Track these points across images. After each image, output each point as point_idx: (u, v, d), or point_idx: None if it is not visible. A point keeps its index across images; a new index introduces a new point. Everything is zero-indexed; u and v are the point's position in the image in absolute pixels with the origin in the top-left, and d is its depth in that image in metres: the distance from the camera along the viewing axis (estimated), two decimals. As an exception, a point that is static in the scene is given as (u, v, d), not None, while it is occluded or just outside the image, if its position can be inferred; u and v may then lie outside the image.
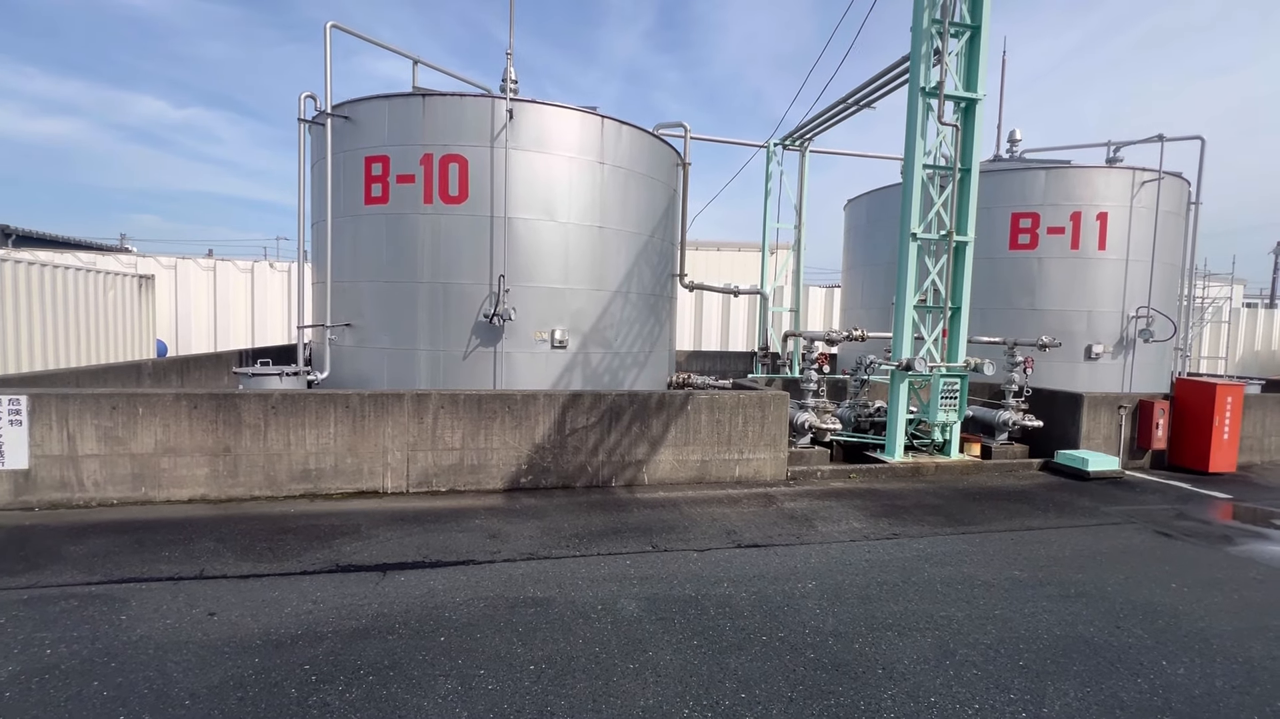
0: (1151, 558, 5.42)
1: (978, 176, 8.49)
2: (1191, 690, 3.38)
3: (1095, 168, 12.05)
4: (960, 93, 8.29)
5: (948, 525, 6.20)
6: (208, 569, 4.59)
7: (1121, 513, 6.81)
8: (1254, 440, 9.56)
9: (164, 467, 6.21)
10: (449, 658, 3.48)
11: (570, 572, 4.75)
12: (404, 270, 8.64)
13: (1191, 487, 8.13)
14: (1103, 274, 11.89)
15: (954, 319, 8.71)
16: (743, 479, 7.63)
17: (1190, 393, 9.07)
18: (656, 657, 3.56)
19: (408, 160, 8.55)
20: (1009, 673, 3.50)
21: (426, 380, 8.63)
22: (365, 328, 8.91)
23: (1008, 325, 11.50)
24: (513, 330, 8.66)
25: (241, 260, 18.05)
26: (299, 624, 3.81)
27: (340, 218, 8.97)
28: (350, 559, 4.85)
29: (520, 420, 7.00)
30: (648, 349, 10.19)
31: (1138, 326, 11.97)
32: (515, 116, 8.52)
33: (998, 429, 9.46)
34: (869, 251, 14.63)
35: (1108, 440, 9.07)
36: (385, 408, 6.68)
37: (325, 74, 8.69)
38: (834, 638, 3.83)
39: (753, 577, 4.75)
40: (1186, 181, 12.64)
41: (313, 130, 9.27)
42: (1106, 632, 4.02)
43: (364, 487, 6.66)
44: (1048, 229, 11.89)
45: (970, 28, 8.25)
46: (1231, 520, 6.70)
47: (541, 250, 8.79)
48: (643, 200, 9.80)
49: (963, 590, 4.61)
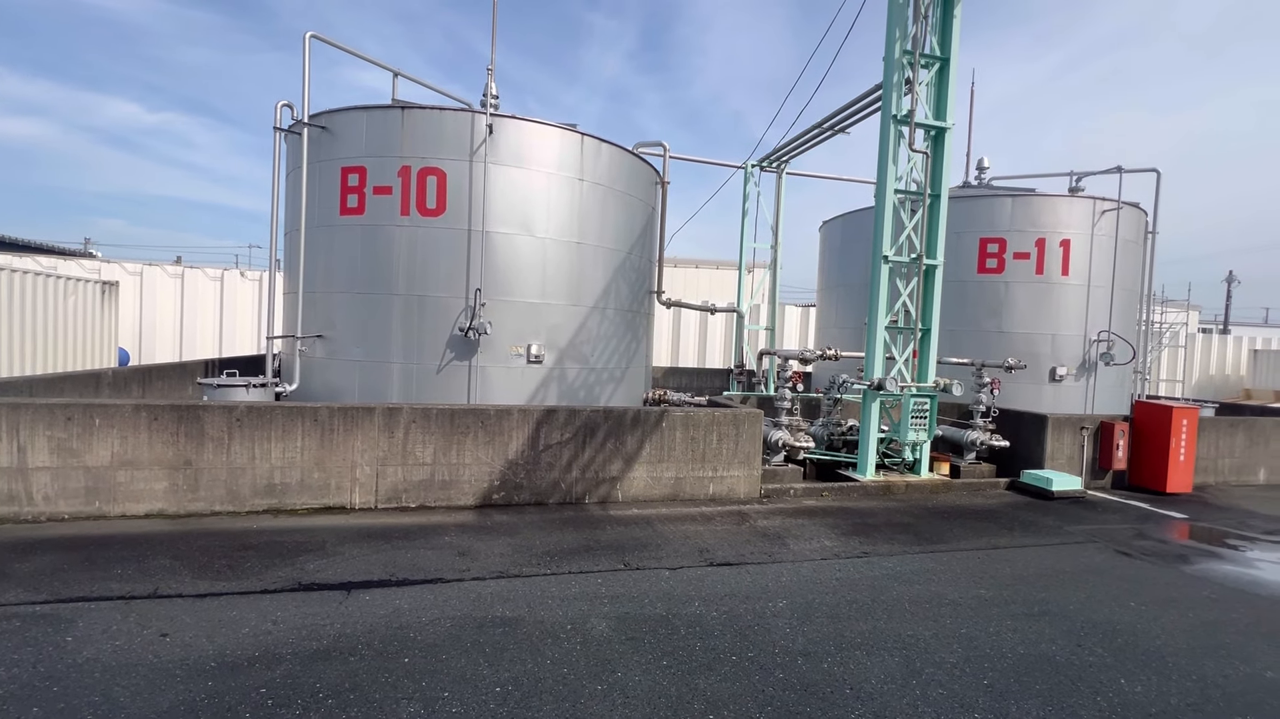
0: (1112, 577, 5.55)
1: (947, 202, 8.74)
2: (1148, 708, 3.45)
3: (1059, 196, 12.49)
4: (930, 121, 8.55)
5: (917, 544, 6.28)
6: (162, 588, 4.43)
7: (1084, 532, 6.97)
8: (1208, 462, 9.90)
9: (120, 480, 6.00)
10: (413, 680, 3.40)
11: (540, 590, 4.68)
12: (379, 282, 8.55)
13: (1150, 506, 8.37)
14: (1066, 299, 12.27)
15: (924, 340, 8.90)
16: (717, 497, 7.64)
17: (1148, 415, 9.37)
18: (625, 678, 3.53)
19: (385, 172, 8.50)
20: (974, 692, 3.54)
21: (399, 394, 8.51)
22: (337, 339, 8.77)
23: (976, 347, 11.78)
24: (488, 344, 8.60)
25: (211, 268, 17.67)
26: (256, 645, 3.69)
27: (315, 228, 8.85)
28: (314, 577, 4.73)
29: (494, 436, 6.92)
30: (624, 365, 10.20)
31: (1099, 350, 12.36)
32: (495, 131, 8.54)
33: (966, 448, 9.64)
34: (843, 272, 14.90)
35: (1071, 460, 9.31)
36: (355, 421, 6.56)
37: (304, 83, 8.64)
38: (803, 658, 3.84)
39: (724, 595, 4.74)
40: (1144, 211, 13.17)
41: (288, 139, 9.17)
42: (1068, 650, 4.09)
43: (331, 502, 6.51)
44: (1014, 254, 12.25)
45: (940, 59, 8.54)
46: (1187, 540, 6.91)
47: (519, 265, 8.78)
48: (621, 217, 9.87)
49: (930, 609, 4.66)
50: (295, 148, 8.98)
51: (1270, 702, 3.57)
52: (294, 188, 9.04)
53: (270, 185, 8.83)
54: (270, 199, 8.85)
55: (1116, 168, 12.91)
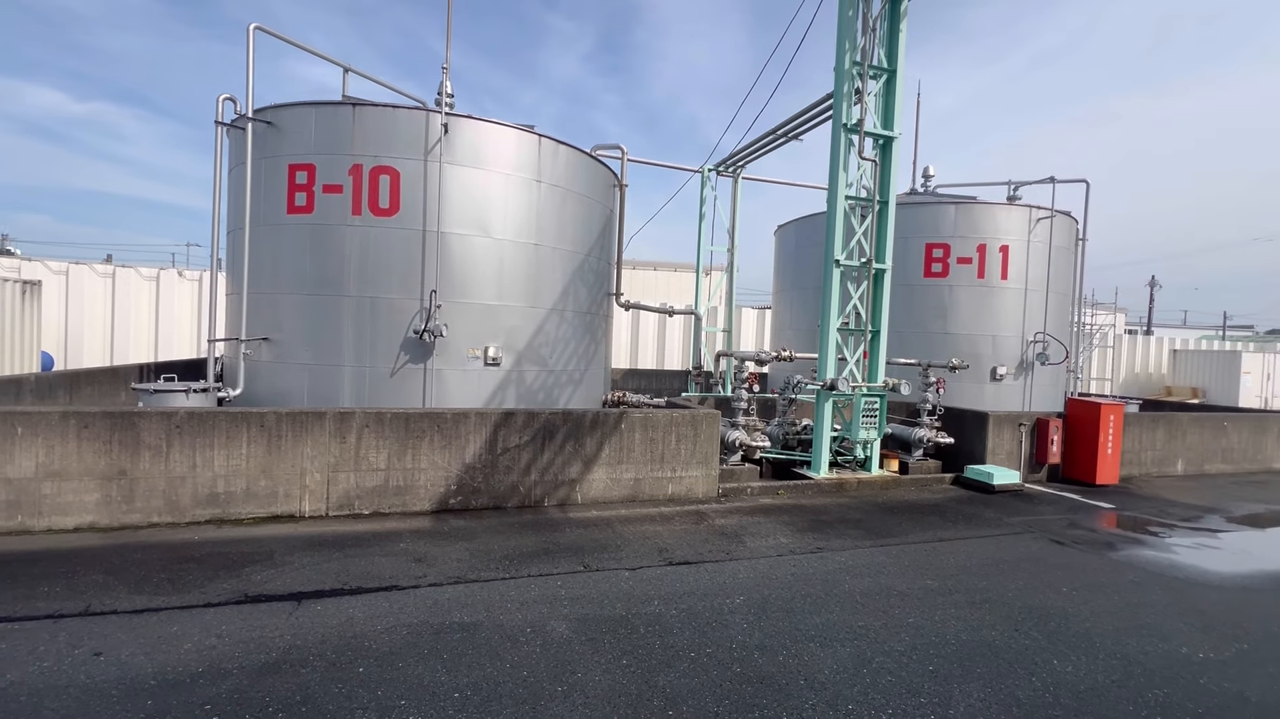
0: (1046, 565, 5.87)
1: (894, 209, 9.08)
2: (1078, 686, 3.68)
3: (998, 204, 13.14)
4: (879, 130, 8.87)
5: (868, 539, 6.50)
6: (95, 605, 4.20)
7: (1022, 523, 7.35)
8: (1133, 454, 10.56)
9: (46, 492, 5.65)
10: (368, 689, 3.33)
11: (499, 594, 4.65)
12: (329, 283, 8.30)
13: (1081, 497, 8.88)
14: (1005, 302, 12.90)
15: (874, 342, 9.21)
16: (675, 497, 7.72)
17: (1080, 412, 9.94)
18: (585, 678, 3.54)
19: (335, 170, 8.26)
20: (920, 678, 3.70)
21: (351, 398, 8.28)
22: (285, 342, 8.47)
23: (922, 348, 12.25)
24: (444, 347, 8.46)
25: (146, 268, 16.78)
26: (200, 661, 3.54)
27: (260, 226, 8.53)
28: (261, 588, 4.56)
29: (450, 439, 6.82)
30: (583, 367, 10.19)
31: (1035, 350, 13.04)
32: (451, 131, 8.42)
33: (914, 446, 10.01)
34: (797, 275, 15.27)
35: (1010, 455, 9.79)
36: (305, 427, 6.35)
37: (247, 77, 8.32)
38: (760, 651, 3.93)
39: (683, 594, 4.81)
40: (1075, 219, 13.98)
41: (231, 134, 8.82)
42: (1007, 635, 4.32)
43: (279, 510, 6.28)
44: (957, 259, 12.81)
45: (887, 71, 8.88)
46: (1114, 529, 7.37)
47: (476, 266, 8.67)
48: (579, 219, 9.87)
49: (880, 601, 4.84)
50: (239, 143, 8.64)
51: (1186, 676, 3.85)
52: (237, 184, 8.69)
53: (212, 181, 8.46)
54: (212, 196, 8.48)
55: (1050, 178, 13.65)
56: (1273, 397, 23.27)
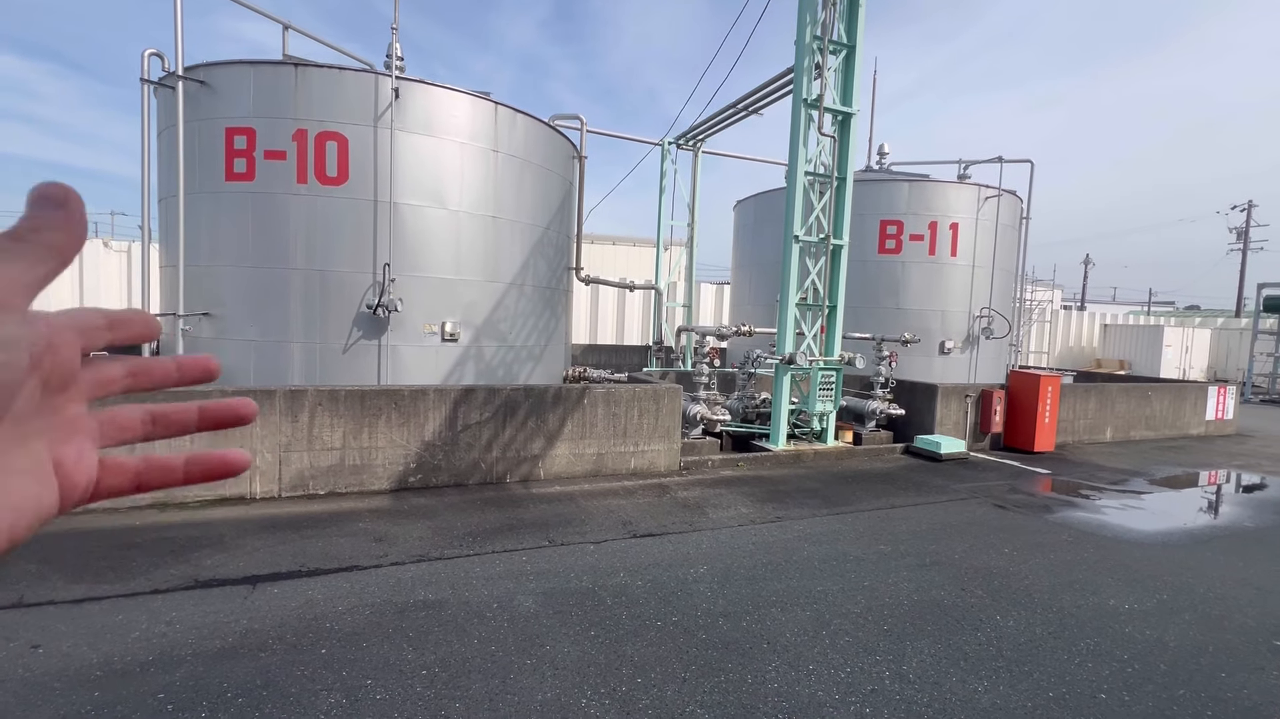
0: (989, 528, 6.21)
1: (852, 185, 9.21)
2: (1018, 639, 3.93)
3: (949, 183, 13.50)
4: (838, 106, 8.94)
5: (825, 507, 6.72)
6: (29, 596, 3.97)
7: (967, 489, 7.73)
8: (1067, 423, 11.21)
9: (-34, 479, 5.26)
10: (331, 671, 3.28)
11: (464, 571, 4.62)
12: (274, 255, 7.90)
13: (1021, 464, 9.39)
14: (954, 278, 13.36)
15: (831, 316, 9.41)
16: (638, 471, 7.78)
17: (1020, 383, 10.46)
18: (554, 650, 3.57)
19: (278, 135, 7.80)
20: (875, 637, 3.88)
21: (301, 375, 7.97)
22: (227, 317, 8.05)
23: (876, 323, 12.60)
24: (399, 322, 8.21)
25: (67, 237, 15.58)
26: (149, 649, 3.41)
27: (195, 194, 8.01)
28: (212, 573, 4.40)
29: (408, 417, 6.67)
30: (543, 343, 10.07)
31: (981, 325, 13.59)
32: (402, 96, 8.05)
33: (867, 418, 10.35)
34: (756, 251, 15.41)
35: (957, 425, 10.24)
36: (253, 406, 6.08)
37: (176, 31, 7.71)
38: (724, 618, 4.04)
39: (648, 565, 4.88)
40: (1020, 198, 14.51)
41: (160, 94, 8.19)
42: (954, 594, 4.56)
43: (227, 493, 6.04)
44: (910, 236, 13.15)
45: (846, 46, 8.91)
46: (1050, 493, 7.83)
47: (431, 239, 8.40)
48: (538, 191, 9.65)
49: (837, 566, 5.03)
50: (169, 104, 8.04)
51: (1113, 625, 4.16)
52: (169, 149, 8.12)
53: (140, 145, 7.86)
54: (141, 161, 7.90)
55: (998, 158, 14.10)
56: (1189, 368, 25.03)
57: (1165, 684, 3.49)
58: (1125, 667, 3.65)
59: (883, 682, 3.39)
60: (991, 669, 3.56)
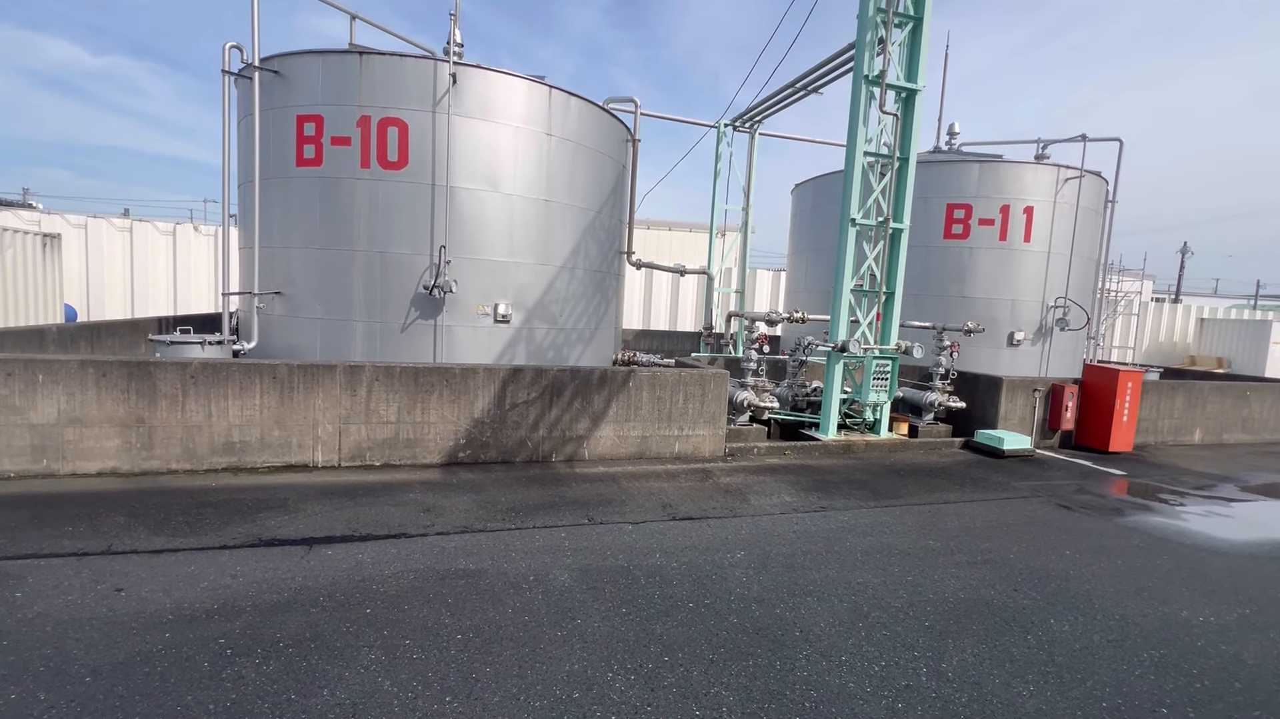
0: (1051, 528, 5.86)
1: (915, 166, 8.78)
2: (1073, 645, 3.71)
3: (1024, 163, 12.65)
4: (902, 83, 8.51)
5: (872, 499, 6.52)
6: (116, 544, 4.36)
7: (1029, 488, 7.32)
8: (1149, 423, 10.40)
9: (69, 438, 5.82)
10: (374, 629, 3.45)
11: (504, 544, 4.75)
12: (339, 237, 8.28)
13: (1093, 464, 8.80)
14: (1027, 265, 12.56)
15: (888, 303, 9.05)
16: (682, 455, 7.77)
17: (1096, 378, 9.77)
18: (585, 624, 3.63)
19: (343, 121, 8.14)
20: (915, 633, 3.74)
21: (362, 353, 8.36)
22: (296, 297, 8.52)
23: (938, 311, 12.03)
24: (454, 303, 8.47)
25: (162, 222, 16.87)
26: (215, 599, 3.69)
27: (269, 179, 8.49)
28: (274, 533, 4.71)
29: (459, 394, 6.89)
30: (593, 326, 10.16)
31: (1055, 316, 12.75)
32: (459, 81, 8.22)
33: (924, 409, 9.94)
34: (814, 236, 14.96)
35: (1023, 421, 9.69)
36: (316, 379, 6.44)
37: (253, 23, 8.15)
38: (757, 604, 4.00)
39: (684, 547, 4.88)
40: (1105, 180, 13.44)
41: (239, 84, 8.70)
42: (1005, 594, 4.34)
43: (293, 460, 6.43)
44: (979, 220, 12.43)
45: (913, 19, 8.45)
46: (1124, 495, 7.31)
47: (485, 222, 8.59)
48: (591, 175, 9.68)
49: (880, 559, 4.88)
50: (246, 94, 8.52)
51: (1182, 638, 3.86)
52: (246, 137, 8.62)
53: (221, 134, 8.39)
54: (221, 148, 8.43)
55: (1081, 136, 13.10)
56: (1301, 368, 22.66)
57: (1239, 704, 3.21)
58: (1194, 682, 3.38)
59: (919, 678, 3.28)
60: (1040, 674, 3.38)
